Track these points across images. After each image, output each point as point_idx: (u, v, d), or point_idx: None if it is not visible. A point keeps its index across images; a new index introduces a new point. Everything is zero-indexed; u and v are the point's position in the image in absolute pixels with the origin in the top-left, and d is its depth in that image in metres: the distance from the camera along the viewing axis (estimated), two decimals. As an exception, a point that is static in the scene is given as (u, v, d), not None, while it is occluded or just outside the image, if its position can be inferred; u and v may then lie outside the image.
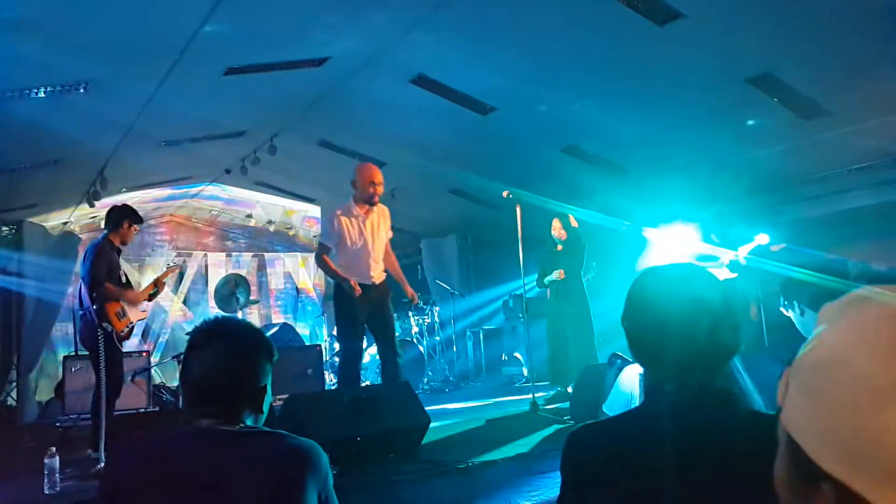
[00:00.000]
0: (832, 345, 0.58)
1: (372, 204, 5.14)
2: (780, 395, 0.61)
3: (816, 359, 0.58)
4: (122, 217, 5.17)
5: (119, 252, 5.23)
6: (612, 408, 2.93)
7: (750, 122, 6.56)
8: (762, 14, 4.89)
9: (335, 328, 5.42)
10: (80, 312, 5.09)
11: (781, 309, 2.61)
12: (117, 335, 4.95)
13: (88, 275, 4.92)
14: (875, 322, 0.57)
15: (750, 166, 7.26)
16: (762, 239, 5.98)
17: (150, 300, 5.62)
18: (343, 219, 5.09)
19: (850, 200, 7.50)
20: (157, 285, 5.54)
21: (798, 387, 0.59)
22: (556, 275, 6.60)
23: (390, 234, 5.41)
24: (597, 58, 5.69)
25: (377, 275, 5.18)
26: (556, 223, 6.77)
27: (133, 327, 5.23)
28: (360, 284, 4.97)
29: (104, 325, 4.84)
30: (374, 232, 5.19)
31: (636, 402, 2.76)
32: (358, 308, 5.01)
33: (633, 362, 2.79)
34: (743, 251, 5.92)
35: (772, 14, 4.87)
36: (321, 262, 5.20)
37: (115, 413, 5.02)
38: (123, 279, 5.26)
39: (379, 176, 5.13)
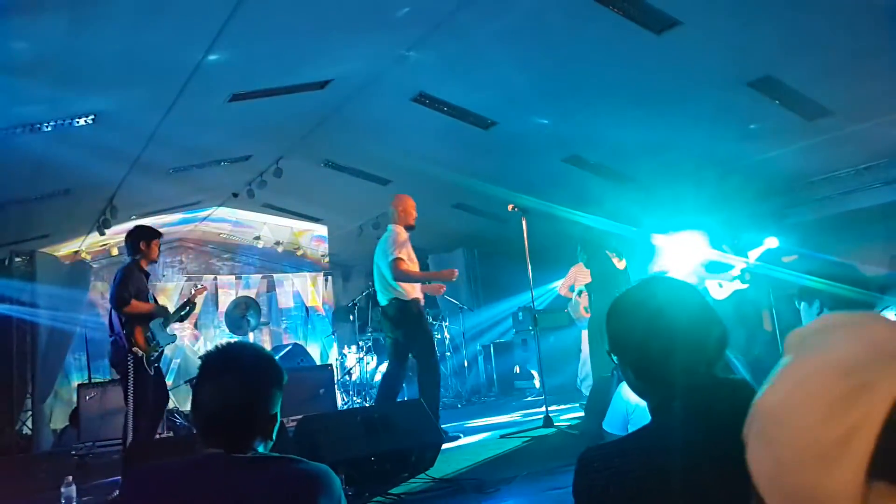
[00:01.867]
0: (783, 393, 0.57)
1: (412, 228, 5.48)
2: (745, 434, 0.60)
3: (769, 406, 0.57)
4: (137, 239, 5.14)
5: (147, 276, 5.25)
6: (611, 424, 2.91)
7: (752, 126, 6.56)
8: (760, 18, 4.90)
9: (416, 347, 5.36)
10: (112, 338, 5.05)
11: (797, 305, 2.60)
12: (147, 360, 4.95)
13: (114, 295, 4.92)
14: (821, 372, 0.55)
15: (756, 170, 7.25)
16: (772, 243, 5.95)
17: (181, 321, 5.61)
18: (405, 236, 5.37)
19: (858, 200, 7.46)
20: (189, 304, 5.53)
21: (754, 431, 0.58)
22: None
23: None
24: (596, 68, 5.72)
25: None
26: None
27: (163, 351, 5.19)
28: (417, 301, 5.27)
29: (134, 350, 4.86)
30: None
31: (634, 417, 2.74)
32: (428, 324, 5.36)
33: None
34: (752, 256, 5.90)
35: (769, 17, 4.89)
36: (405, 274, 5.15)
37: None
38: (152, 301, 5.27)
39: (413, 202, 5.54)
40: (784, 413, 0.55)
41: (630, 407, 2.78)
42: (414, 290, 5.30)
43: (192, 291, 5.89)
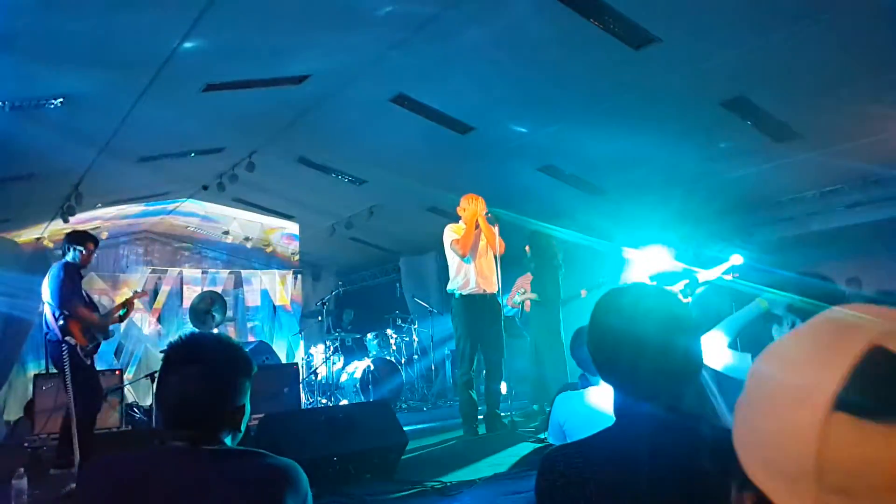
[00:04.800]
0: (765, 356, 0.60)
1: (476, 226, 5.93)
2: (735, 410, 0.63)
3: (752, 369, 0.61)
4: (80, 242, 5.18)
5: (81, 277, 5.26)
6: (551, 435, 2.97)
7: (722, 145, 6.68)
8: (735, 39, 5.00)
9: (457, 338, 6.00)
10: (48, 335, 5.05)
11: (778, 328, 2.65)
12: (82, 349, 4.92)
13: (57, 296, 4.90)
14: (796, 335, 0.59)
15: (723, 187, 7.39)
16: (736, 259, 6.05)
17: (119, 321, 5.59)
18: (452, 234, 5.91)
19: (821, 222, 7.65)
20: (126, 307, 5.54)
21: (740, 401, 0.61)
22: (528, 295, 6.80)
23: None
24: (574, 79, 5.78)
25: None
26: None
27: (99, 344, 5.20)
28: (459, 296, 5.88)
29: (67, 338, 4.83)
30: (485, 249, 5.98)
31: (567, 428, 2.78)
32: (474, 318, 5.72)
33: (595, 383, 2.81)
34: (716, 272, 5.99)
35: (744, 39, 4.99)
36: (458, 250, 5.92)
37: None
38: (87, 299, 5.26)
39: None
40: (763, 370, 0.59)
41: (562, 419, 2.83)
42: (458, 283, 5.85)
43: (133, 294, 5.83)
